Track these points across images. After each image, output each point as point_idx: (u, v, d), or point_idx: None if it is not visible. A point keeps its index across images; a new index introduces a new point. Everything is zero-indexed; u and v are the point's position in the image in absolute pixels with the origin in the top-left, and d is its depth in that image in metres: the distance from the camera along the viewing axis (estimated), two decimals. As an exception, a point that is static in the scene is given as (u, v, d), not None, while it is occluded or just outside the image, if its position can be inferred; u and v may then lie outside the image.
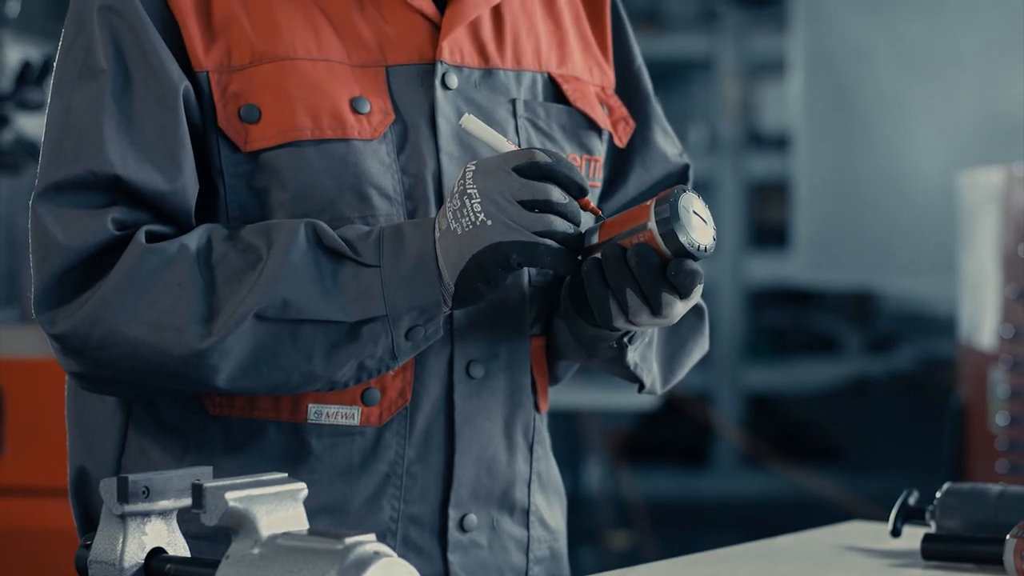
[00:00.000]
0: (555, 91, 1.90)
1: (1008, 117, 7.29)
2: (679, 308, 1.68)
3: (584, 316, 1.75)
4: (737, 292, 9.83)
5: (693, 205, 1.65)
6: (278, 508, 1.35)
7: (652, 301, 1.66)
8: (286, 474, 1.40)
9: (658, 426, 9.28)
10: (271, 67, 1.75)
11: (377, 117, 1.77)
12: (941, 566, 1.81)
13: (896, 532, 1.89)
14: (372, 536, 1.28)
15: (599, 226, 1.70)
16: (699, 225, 1.65)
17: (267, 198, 1.75)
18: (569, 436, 6.63)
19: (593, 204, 1.74)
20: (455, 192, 1.67)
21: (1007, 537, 1.73)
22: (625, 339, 1.80)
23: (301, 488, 1.38)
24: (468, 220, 1.65)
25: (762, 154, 10.00)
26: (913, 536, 1.87)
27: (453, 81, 1.81)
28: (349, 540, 1.27)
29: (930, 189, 7.55)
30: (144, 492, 1.41)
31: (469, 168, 1.68)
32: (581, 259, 1.69)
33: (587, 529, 6.97)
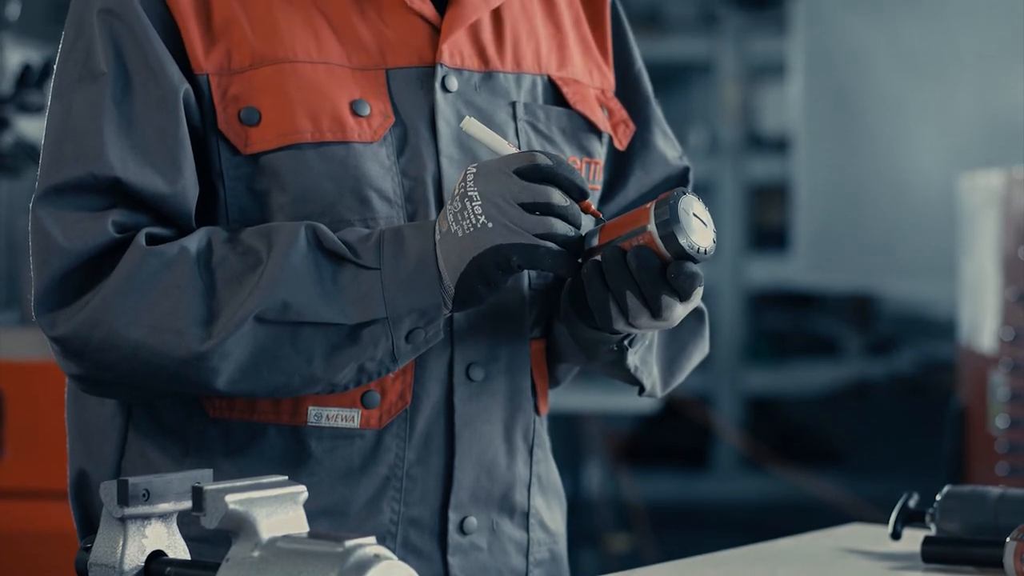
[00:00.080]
0: (555, 94, 1.90)
1: (1008, 120, 7.29)
2: (679, 310, 1.68)
3: (584, 319, 1.75)
4: (737, 295, 9.83)
5: (693, 207, 1.65)
6: (278, 511, 1.35)
7: (652, 303, 1.66)
8: (286, 477, 1.40)
9: (658, 429, 9.28)
10: (271, 70, 1.75)
11: (377, 120, 1.77)
12: (941, 569, 1.80)
13: (896, 535, 1.89)
14: (372, 539, 1.28)
15: (599, 229, 1.70)
16: (699, 227, 1.65)
17: (267, 201, 1.75)
18: (569, 439, 6.63)
19: (594, 207, 1.74)
20: (456, 194, 1.67)
21: (1007, 540, 1.72)
22: (625, 342, 1.80)
23: (301, 491, 1.38)
24: (469, 222, 1.65)
25: (762, 157, 10.01)
26: (913, 539, 1.87)
27: (453, 84, 1.81)
28: (349, 543, 1.27)
29: (930, 192, 7.55)
30: (144, 495, 1.41)
31: (470, 170, 1.68)
32: (581, 261, 1.69)
33: (587, 532, 6.96)
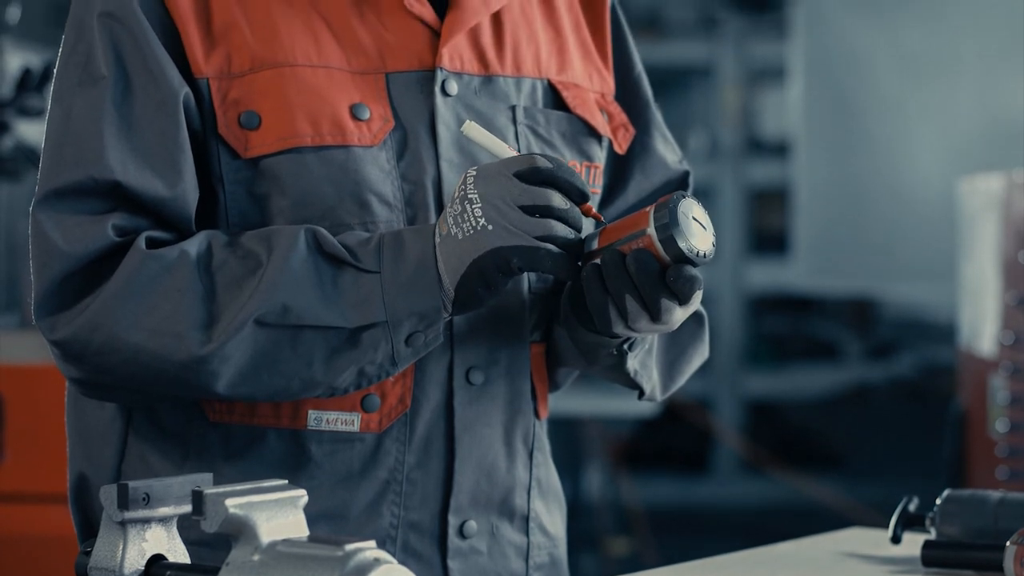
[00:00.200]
0: (555, 98, 1.90)
1: (1008, 123, 7.29)
2: (678, 314, 1.68)
3: (584, 322, 1.75)
4: (737, 299, 9.83)
5: (692, 211, 1.65)
6: (278, 515, 1.35)
7: (651, 307, 1.66)
8: (286, 481, 1.40)
9: (658, 432, 9.28)
10: (271, 74, 1.75)
11: (377, 124, 1.77)
12: (941, 573, 1.81)
13: (896, 539, 1.89)
14: (372, 543, 1.28)
15: (599, 232, 1.70)
16: (698, 231, 1.65)
17: (267, 204, 1.75)
18: (569, 442, 6.63)
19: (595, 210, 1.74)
20: (456, 197, 1.67)
21: (1007, 544, 1.72)
22: (625, 346, 1.80)
23: (301, 495, 1.38)
24: (469, 225, 1.65)
25: (762, 161, 10.01)
26: (913, 543, 1.87)
27: (453, 88, 1.81)
28: (349, 547, 1.27)
29: (930, 195, 7.54)
30: (144, 499, 1.41)
31: (470, 173, 1.68)
32: (581, 265, 1.69)
33: (587, 535, 6.96)
